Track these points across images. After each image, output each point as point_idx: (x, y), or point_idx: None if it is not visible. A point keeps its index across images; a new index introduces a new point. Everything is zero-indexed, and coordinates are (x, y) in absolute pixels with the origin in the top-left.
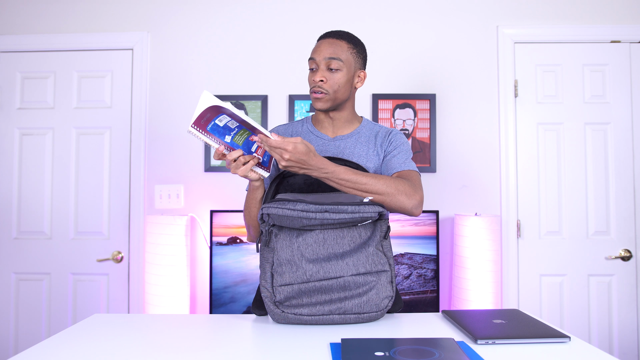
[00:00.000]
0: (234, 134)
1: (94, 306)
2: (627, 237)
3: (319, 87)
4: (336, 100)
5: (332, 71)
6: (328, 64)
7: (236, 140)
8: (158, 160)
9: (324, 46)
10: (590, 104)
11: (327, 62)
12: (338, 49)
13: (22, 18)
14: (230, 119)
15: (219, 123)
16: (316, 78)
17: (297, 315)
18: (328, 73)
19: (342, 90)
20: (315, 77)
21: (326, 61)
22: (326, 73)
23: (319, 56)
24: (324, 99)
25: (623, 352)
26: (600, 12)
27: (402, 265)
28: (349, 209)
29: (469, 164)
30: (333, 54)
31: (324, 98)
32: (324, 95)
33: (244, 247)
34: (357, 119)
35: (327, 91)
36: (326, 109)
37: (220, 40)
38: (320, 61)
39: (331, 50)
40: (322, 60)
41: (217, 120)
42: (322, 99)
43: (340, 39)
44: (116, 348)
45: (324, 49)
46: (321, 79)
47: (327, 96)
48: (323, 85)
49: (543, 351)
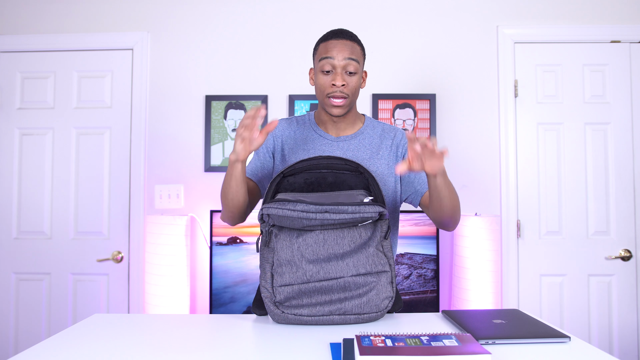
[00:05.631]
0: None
1: (94, 306)
2: (627, 237)
3: (341, 92)
4: (352, 104)
5: (350, 74)
6: (346, 66)
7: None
8: (158, 160)
9: (340, 47)
10: (590, 104)
11: (346, 64)
12: (354, 50)
13: (22, 18)
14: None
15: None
16: (337, 82)
17: (297, 316)
18: (347, 77)
19: (357, 93)
20: (337, 82)
21: (346, 62)
22: (345, 77)
23: (339, 57)
24: (344, 104)
25: (623, 352)
26: (600, 12)
27: (402, 265)
28: (349, 209)
29: (469, 164)
30: (352, 54)
31: (344, 103)
32: (345, 101)
33: (244, 247)
34: (359, 118)
35: (347, 95)
36: (344, 114)
37: (220, 40)
38: (338, 63)
39: (349, 51)
40: (342, 61)
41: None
42: (343, 105)
43: (353, 40)
44: (116, 348)
45: (343, 50)
46: (343, 84)
47: (347, 100)
48: (344, 90)
49: (543, 351)
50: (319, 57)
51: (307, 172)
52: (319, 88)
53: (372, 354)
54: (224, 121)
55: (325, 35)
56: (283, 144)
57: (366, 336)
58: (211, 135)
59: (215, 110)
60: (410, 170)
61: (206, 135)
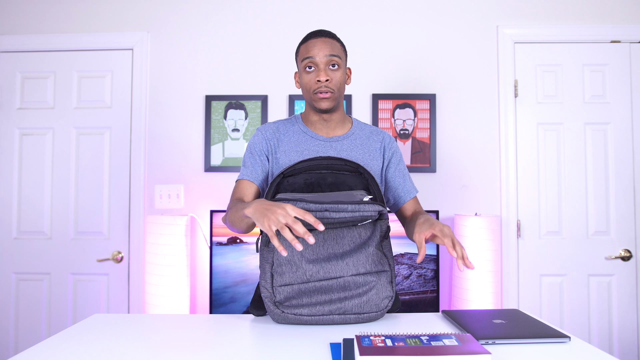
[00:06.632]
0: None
1: (94, 306)
2: (627, 237)
3: (326, 87)
4: (339, 99)
5: (333, 69)
6: (329, 62)
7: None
8: (158, 160)
9: (320, 44)
10: (590, 104)
11: (328, 60)
12: (334, 47)
13: (22, 18)
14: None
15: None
16: (321, 78)
17: (297, 316)
18: (330, 72)
19: (342, 88)
20: (320, 77)
21: (327, 59)
22: (329, 72)
23: (320, 55)
24: (331, 97)
25: (623, 352)
26: (600, 12)
27: (402, 265)
28: (349, 207)
29: (469, 164)
30: (332, 51)
31: (331, 97)
32: (332, 94)
33: (244, 247)
34: (347, 119)
35: (333, 90)
36: (331, 108)
37: (220, 40)
38: (320, 60)
39: (329, 48)
40: (323, 58)
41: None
42: (330, 98)
43: (332, 37)
44: (116, 348)
45: (323, 48)
46: (327, 79)
47: (334, 94)
48: (329, 84)
49: (543, 351)
50: (301, 58)
51: (307, 173)
52: (304, 87)
53: (372, 354)
54: (224, 121)
55: (304, 37)
56: (275, 147)
57: (366, 336)
58: (211, 135)
59: (215, 110)
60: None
61: (206, 135)
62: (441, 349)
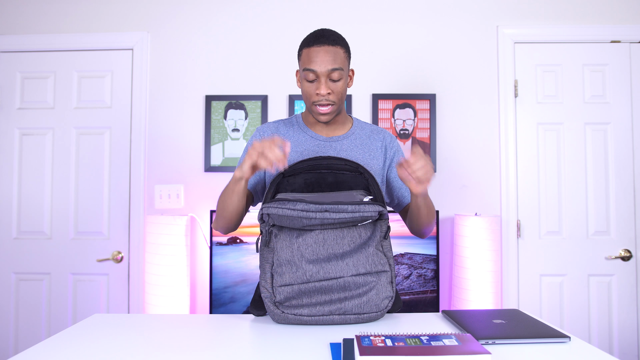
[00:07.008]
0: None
1: (94, 306)
2: (627, 237)
3: (327, 100)
4: (339, 109)
5: (334, 81)
6: (330, 74)
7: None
8: (158, 160)
9: (322, 55)
10: (590, 104)
11: (330, 73)
12: (337, 57)
13: (22, 18)
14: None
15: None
16: (322, 91)
17: (297, 316)
18: (331, 84)
19: (344, 97)
20: (321, 91)
21: (328, 72)
22: (330, 84)
23: (321, 67)
24: (330, 111)
25: (623, 352)
26: (600, 12)
27: (402, 265)
28: (349, 208)
29: (469, 163)
30: (334, 63)
31: (331, 110)
32: (332, 107)
33: (244, 247)
34: (348, 119)
35: (333, 101)
36: (331, 120)
37: (220, 40)
38: (321, 73)
39: (331, 59)
40: (325, 71)
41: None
42: (329, 112)
43: (336, 44)
44: (116, 348)
45: (325, 59)
46: (328, 92)
47: (334, 106)
48: (330, 97)
49: (543, 351)
50: (303, 67)
51: (307, 173)
52: (304, 95)
53: (372, 354)
54: (224, 121)
55: (307, 40)
56: None
57: (366, 336)
58: (211, 135)
59: (215, 110)
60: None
61: (206, 135)
62: (441, 349)
